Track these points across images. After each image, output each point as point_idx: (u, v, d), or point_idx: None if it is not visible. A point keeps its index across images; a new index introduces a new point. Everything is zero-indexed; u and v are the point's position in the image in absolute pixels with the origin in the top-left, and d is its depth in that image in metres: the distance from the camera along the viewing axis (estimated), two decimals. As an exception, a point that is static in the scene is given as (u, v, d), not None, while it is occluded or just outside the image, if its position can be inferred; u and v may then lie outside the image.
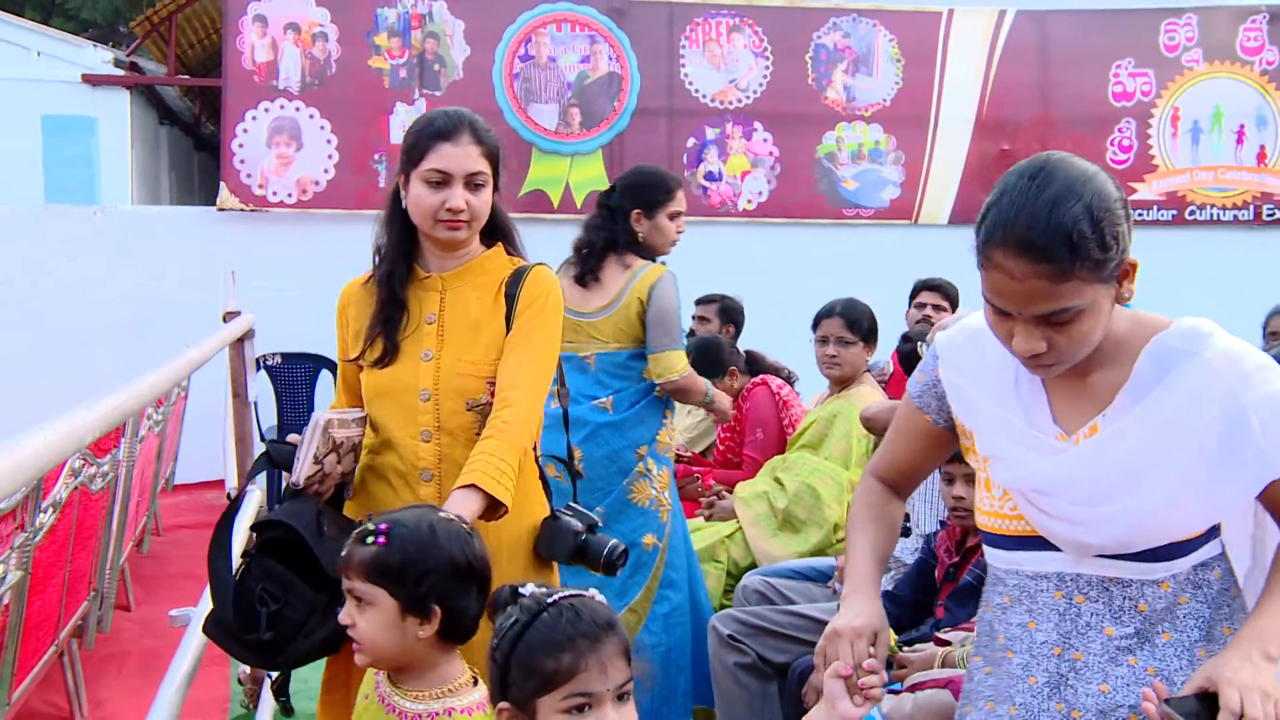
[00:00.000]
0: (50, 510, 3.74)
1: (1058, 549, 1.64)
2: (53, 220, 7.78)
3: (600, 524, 2.40)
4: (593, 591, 1.73)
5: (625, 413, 4.25)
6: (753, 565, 4.46)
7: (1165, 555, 1.56)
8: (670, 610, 4.23)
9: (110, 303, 7.48)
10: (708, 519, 4.68)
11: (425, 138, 2.24)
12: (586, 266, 4.08)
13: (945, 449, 1.96)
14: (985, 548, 1.84)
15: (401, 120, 7.71)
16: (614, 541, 2.31)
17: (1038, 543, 1.67)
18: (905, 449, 1.96)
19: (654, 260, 4.12)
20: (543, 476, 2.41)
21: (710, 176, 8.35)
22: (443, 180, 2.22)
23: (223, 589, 2.05)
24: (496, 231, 2.38)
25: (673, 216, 4.05)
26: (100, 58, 8.71)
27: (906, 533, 3.81)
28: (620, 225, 4.05)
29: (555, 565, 2.42)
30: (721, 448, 5.18)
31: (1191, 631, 1.57)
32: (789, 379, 5.08)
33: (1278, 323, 5.23)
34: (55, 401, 2.43)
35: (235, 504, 2.36)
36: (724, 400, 4.54)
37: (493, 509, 2.08)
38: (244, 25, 7.76)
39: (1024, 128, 8.60)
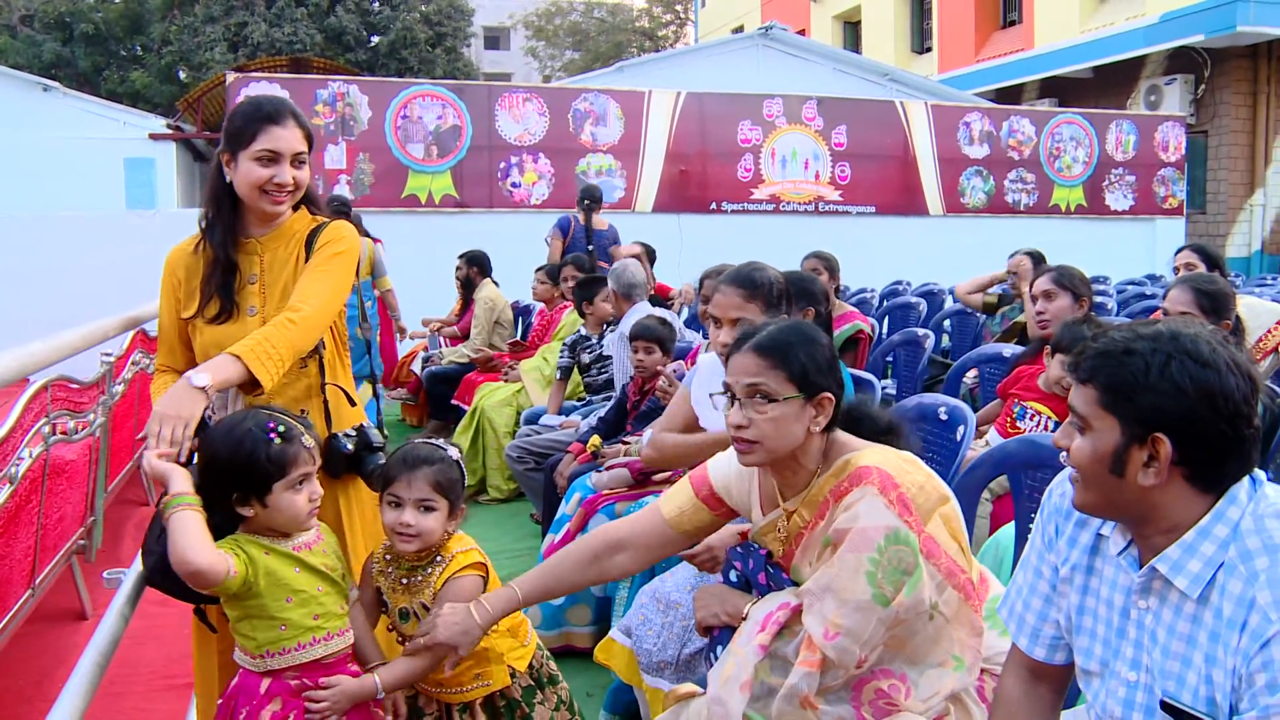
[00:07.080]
0: (121, 384, 3.98)
1: None
2: (130, 219, 9.38)
3: (384, 444, 2.26)
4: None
5: None
6: (531, 405, 5.08)
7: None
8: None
9: (160, 263, 8.69)
10: (505, 381, 5.62)
11: (254, 121, 2.11)
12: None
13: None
14: None
15: (333, 156, 9.66)
16: (382, 461, 2.20)
17: None
18: (678, 410, 2.78)
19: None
20: (326, 403, 2.25)
21: (514, 185, 10.42)
22: (272, 158, 2.11)
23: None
24: (303, 198, 2.25)
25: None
26: (159, 123, 10.62)
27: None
28: None
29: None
30: (525, 342, 6.38)
31: None
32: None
33: (1014, 264, 5.59)
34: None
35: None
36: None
37: (252, 385, 1.93)
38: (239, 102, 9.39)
39: (692, 158, 10.95)
